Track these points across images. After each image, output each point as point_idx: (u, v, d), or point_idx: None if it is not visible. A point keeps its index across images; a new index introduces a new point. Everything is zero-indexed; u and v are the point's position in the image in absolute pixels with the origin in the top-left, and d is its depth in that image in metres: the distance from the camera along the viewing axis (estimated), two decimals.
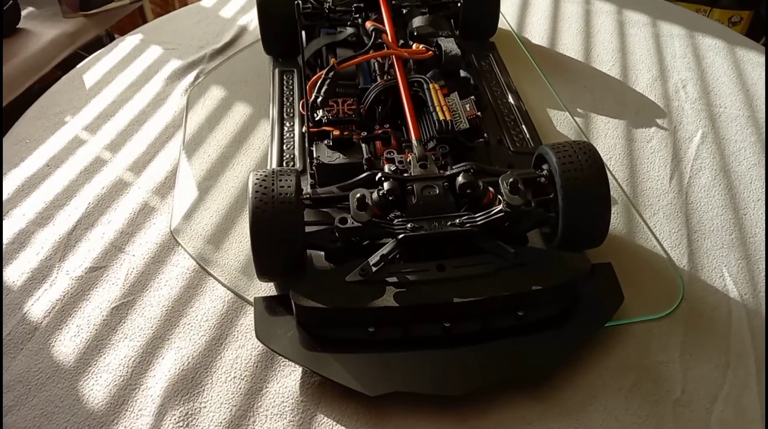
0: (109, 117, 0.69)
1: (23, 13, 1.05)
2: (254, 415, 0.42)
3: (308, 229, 0.45)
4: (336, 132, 0.54)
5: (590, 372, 0.44)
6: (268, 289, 0.49)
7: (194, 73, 0.74)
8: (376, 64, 0.62)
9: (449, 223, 0.44)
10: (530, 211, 0.45)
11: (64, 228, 0.56)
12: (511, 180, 0.44)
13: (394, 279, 0.43)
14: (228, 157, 0.63)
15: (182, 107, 0.69)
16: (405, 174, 0.47)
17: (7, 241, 0.55)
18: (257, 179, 0.44)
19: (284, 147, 0.60)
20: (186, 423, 0.41)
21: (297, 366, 0.44)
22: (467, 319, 0.43)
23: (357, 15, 0.68)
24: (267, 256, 0.44)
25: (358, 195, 0.43)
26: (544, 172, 0.47)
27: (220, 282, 0.50)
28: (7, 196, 0.59)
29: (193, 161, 0.62)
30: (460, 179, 0.46)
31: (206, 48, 0.79)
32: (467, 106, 0.55)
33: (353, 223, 0.43)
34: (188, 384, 0.44)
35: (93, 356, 0.46)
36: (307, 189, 0.53)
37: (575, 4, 0.87)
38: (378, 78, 0.60)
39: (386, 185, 0.45)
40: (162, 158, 0.63)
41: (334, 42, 0.64)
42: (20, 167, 0.63)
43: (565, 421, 0.41)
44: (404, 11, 0.69)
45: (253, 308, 0.45)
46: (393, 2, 0.68)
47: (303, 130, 0.58)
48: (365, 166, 0.51)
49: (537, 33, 0.82)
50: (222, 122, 0.67)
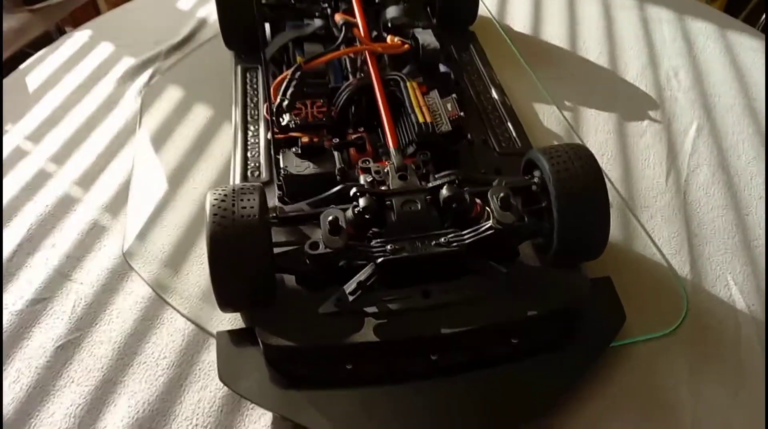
0: (55, 124, 0.63)
1: None
2: None
3: (277, 250, 0.40)
4: (305, 138, 0.48)
5: (593, 400, 0.40)
6: (234, 319, 0.44)
7: (149, 72, 0.68)
8: (348, 60, 0.57)
9: (433, 243, 0.39)
10: (523, 226, 0.41)
11: (2, 255, 0.50)
12: (502, 195, 0.39)
13: (374, 309, 0.39)
14: (187, 167, 0.57)
15: (136, 111, 0.63)
16: (383, 187, 0.43)
17: None
18: (215, 199, 0.39)
19: (248, 154, 0.54)
20: None
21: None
22: (456, 350, 0.39)
23: (326, 5, 0.63)
24: (228, 288, 0.39)
25: (330, 217, 0.38)
26: (536, 180, 0.43)
27: (179, 312, 0.45)
28: None
29: (149, 172, 0.56)
30: (444, 192, 0.41)
31: (162, 44, 0.72)
32: (448, 106, 0.50)
33: (325, 250, 0.38)
34: None
35: (34, 406, 0.40)
36: (275, 201, 0.48)
37: None
38: (350, 76, 0.55)
39: (362, 202, 0.40)
40: (113, 170, 0.57)
41: (301, 36, 0.59)
42: None
43: None
44: (377, 0, 0.64)
45: (216, 344, 0.40)
46: None
47: (268, 137, 0.52)
48: (338, 178, 0.46)
49: (519, 19, 0.77)
50: (180, 127, 0.61)
